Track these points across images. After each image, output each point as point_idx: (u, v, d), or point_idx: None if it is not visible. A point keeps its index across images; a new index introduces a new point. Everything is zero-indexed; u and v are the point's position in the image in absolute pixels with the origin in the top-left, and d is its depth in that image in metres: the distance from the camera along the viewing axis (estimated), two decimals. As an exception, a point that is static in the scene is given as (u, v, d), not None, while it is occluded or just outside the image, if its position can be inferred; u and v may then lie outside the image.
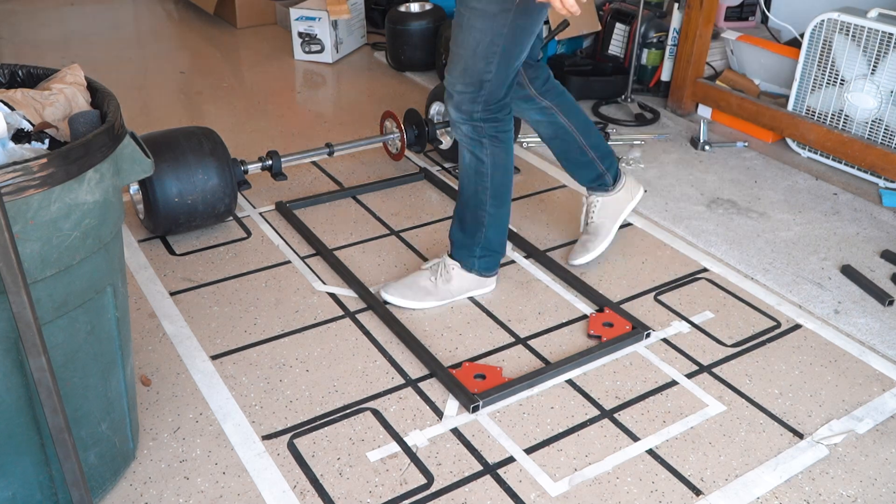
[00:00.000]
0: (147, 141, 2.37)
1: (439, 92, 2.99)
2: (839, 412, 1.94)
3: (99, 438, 1.55)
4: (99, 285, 1.43)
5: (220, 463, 1.74)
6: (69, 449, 1.32)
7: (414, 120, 2.97)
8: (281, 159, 2.69)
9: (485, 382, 1.96)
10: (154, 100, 3.60)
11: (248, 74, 3.99)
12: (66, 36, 4.43)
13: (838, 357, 2.12)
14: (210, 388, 1.94)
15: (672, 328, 2.21)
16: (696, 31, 3.39)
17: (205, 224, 2.51)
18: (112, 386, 1.55)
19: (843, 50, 2.96)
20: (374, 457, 1.76)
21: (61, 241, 1.30)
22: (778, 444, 1.84)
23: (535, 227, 2.66)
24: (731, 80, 3.50)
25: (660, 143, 3.30)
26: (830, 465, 1.79)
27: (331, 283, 2.34)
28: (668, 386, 2.00)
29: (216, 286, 2.31)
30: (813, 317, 2.28)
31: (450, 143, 2.98)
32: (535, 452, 1.79)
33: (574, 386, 1.99)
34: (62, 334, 1.38)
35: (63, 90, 1.49)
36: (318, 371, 2.01)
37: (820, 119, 3.10)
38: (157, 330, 2.13)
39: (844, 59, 2.96)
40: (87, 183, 1.31)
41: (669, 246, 2.59)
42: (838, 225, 2.74)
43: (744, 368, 2.07)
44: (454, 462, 1.76)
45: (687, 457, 1.80)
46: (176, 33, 4.57)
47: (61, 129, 1.45)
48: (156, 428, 1.82)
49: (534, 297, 2.32)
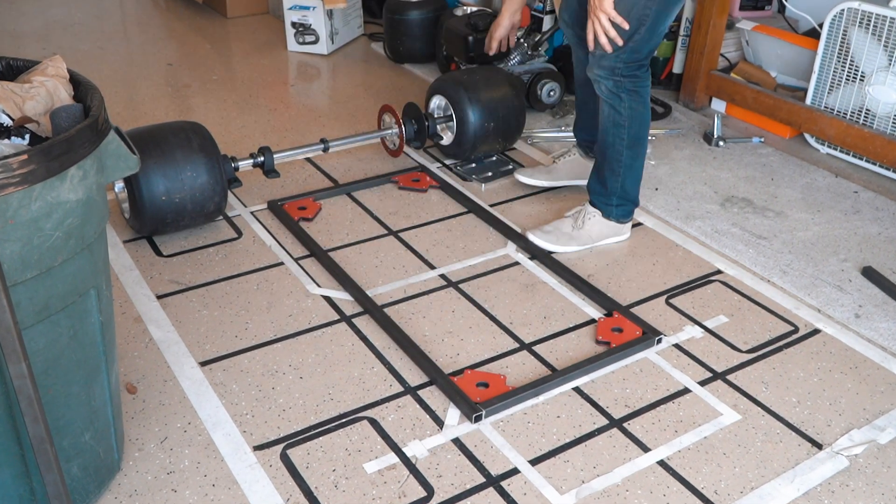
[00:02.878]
0: (133, 136, 2.37)
1: (439, 85, 2.98)
2: (860, 421, 1.94)
3: (82, 449, 1.55)
4: (82, 288, 1.43)
5: (210, 475, 1.74)
6: (51, 460, 1.32)
7: (413, 114, 2.96)
8: (273, 156, 2.69)
9: (487, 390, 1.96)
10: (140, 93, 3.60)
11: (239, 67, 4.00)
12: (47, 26, 4.43)
13: (859, 363, 2.12)
14: (199, 396, 1.94)
15: (684, 333, 2.21)
16: (709, 20, 3.39)
17: (193, 224, 2.51)
18: (96, 394, 1.55)
19: (861, 43, 2.96)
20: (371, 468, 1.76)
21: (42, 241, 1.30)
22: (796, 455, 1.84)
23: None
24: (746, 72, 3.50)
25: (671, 139, 3.30)
26: (851, 477, 1.79)
27: (326, 286, 2.34)
28: (681, 394, 2.00)
29: (205, 289, 2.31)
30: (832, 321, 2.27)
31: (451, 139, 2.97)
32: (541, 464, 1.79)
33: (581, 394, 1.99)
34: (43, 339, 1.38)
35: (44, 83, 1.49)
36: (313, 378, 2.01)
37: (840, 114, 3.10)
38: (144, 335, 2.13)
39: (864, 53, 2.95)
40: (69, 180, 1.31)
41: (682, 247, 2.59)
42: (859, 225, 2.74)
43: (760, 375, 2.07)
44: (455, 474, 1.76)
45: (700, 468, 1.79)
46: (163, 23, 4.57)
47: (42, 124, 1.45)
48: (142, 438, 1.82)
49: (539, 300, 2.32)
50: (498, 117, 2.92)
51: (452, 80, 2.95)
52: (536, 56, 3.43)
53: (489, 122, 2.90)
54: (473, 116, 2.88)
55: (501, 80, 2.99)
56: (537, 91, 3.35)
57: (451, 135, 2.97)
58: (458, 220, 2.69)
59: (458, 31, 3.36)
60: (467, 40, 3.29)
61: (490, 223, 2.65)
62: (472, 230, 2.63)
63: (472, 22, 3.34)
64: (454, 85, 2.92)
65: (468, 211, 2.73)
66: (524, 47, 3.40)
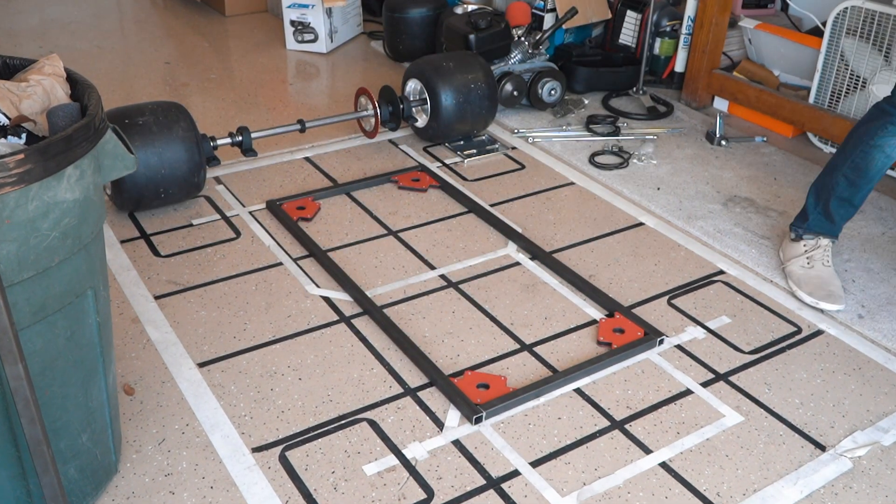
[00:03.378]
0: (112, 115, 2.49)
1: (415, 69, 3.11)
2: (864, 423, 1.94)
3: (79, 451, 1.55)
4: (79, 288, 1.43)
5: (208, 477, 1.74)
6: (48, 462, 1.32)
7: (388, 97, 3.10)
8: (251, 134, 2.80)
9: (488, 392, 1.96)
10: (137, 92, 3.60)
11: (238, 65, 4.00)
12: (44, 24, 4.43)
13: (863, 364, 2.12)
14: (197, 398, 1.94)
15: (686, 334, 2.21)
16: (711, 18, 3.39)
17: (174, 200, 2.63)
18: (93, 395, 1.55)
19: (853, 50, 2.97)
20: (370, 470, 1.76)
21: (39, 241, 1.30)
22: (799, 457, 1.84)
23: (542, 227, 2.66)
24: (749, 71, 3.50)
25: (673, 138, 3.30)
26: (854, 479, 1.79)
27: (325, 287, 2.34)
28: (683, 395, 2.00)
29: (203, 289, 2.31)
30: (836, 322, 2.28)
31: (425, 122, 3.10)
32: (542, 466, 1.79)
33: (583, 395, 1.99)
34: (40, 340, 1.38)
35: (41, 82, 1.49)
36: (312, 379, 2.01)
37: (843, 112, 3.10)
38: (141, 336, 2.13)
39: (865, 58, 2.96)
40: (66, 180, 1.31)
41: (684, 247, 2.59)
42: (862, 224, 2.74)
43: (762, 377, 2.07)
44: (455, 476, 1.76)
45: (702, 470, 1.80)
46: (161, 21, 4.57)
47: (39, 123, 1.45)
48: (139, 440, 1.82)
49: (540, 300, 2.32)
50: (471, 100, 3.06)
51: (427, 65, 3.10)
52: (537, 55, 3.44)
53: (462, 104, 3.04)
54: (447, 99, 3.02)
55: (475, 64, 3.11)
56: (538, 90, 3.36)
57: (426, 117, 3.10)
58: (458, 219, 2.69)
59: (458, 29, 3.36)
60: (468, 38, 3.30)
61: (490, 223, 2.65)
62: (473, 230, 2.64)
63: (472, 20, 3.34)
64: (429, 69, 3.07)
65: (468, 211, 2.73)
66: (525, 46, 3.40)
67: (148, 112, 2.55)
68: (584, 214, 2.74)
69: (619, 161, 3.08)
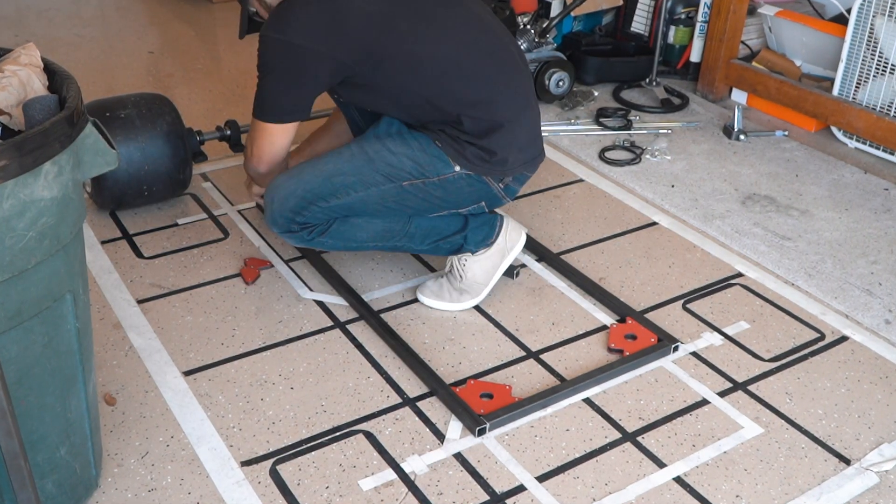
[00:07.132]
0: (92, 108, 2.46)
1: None
2: (891, 435, 1.94)
3: (57, 464, 1.55)
4: (57, 292, 1.43)
5: (194, 492, 1.74)
6: (24, 477, 1.32)
7: None
8: (240, 128, 2.78)
9: (492, 402, 1.96)
10: (119, 83, 3.60)
11: (226, 55, 4.00)
12: (19, 11, 4.43)
13: (890, 373, 2.12)
14: (182, 408, 1.94)
15: (703, 340, 2.21)
16: (729, 5, 3.39)
17: (157, 198, 2.61)
18: (72, 406, 1.55)
19: (888, 33, 2.96)
20: (366, 485, 1.77)
21: (15, 242, 1.30)
22: (822, 471, 1.84)
23: (549, 227, 2.67)
24: (768, 60, 3.50)
25: (689, 132, 3.31)
26: (881, 494, 1.79)
27: (318, 290, 2.34)
28: (699, 405, 2.00)
29: (189, 293, 2.31)
30: (861, 327, 2.28)
31: None
32: (549, 480, 1.79)
33: (592, 406, 1.99)
34: (16, 347, 1.38)
35: (17, 72, 1.49)
36: (304, 389, 2.01)
37: (869, 106, 3.10)
38: (123, 342, 2.13)
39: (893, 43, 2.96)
40: (43, 177, 1.31)
41: (700, 248, 2.59)
42: (890, 224, 2.74)
43: (783, 386, 2.07)
44: (457, 491, 1.76)
45: (719, 485, 1.80)
46: (144, 8, 4.57)
47: (15, 117, 1.45)
48: (121, 453, 1.82)
49: (547, 305, 2.32)
50: None
51: None
52: (544, 43, 3.43)
53: None
54: None
55: None
56: (545, 81, 3.36)
57: None
58: (459, 219, 2.69)
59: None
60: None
61: (494, 223, 2.65)
62: (475, 230, 2.64)
63: (475, 7, 3.34)
64: None
65: (471, 209, 2.73)
66: (531, 34, 3.40)
67: (130, 105, 2.53)
68: (593, 213, 2.75)
69: (631, 157, 3.08)
